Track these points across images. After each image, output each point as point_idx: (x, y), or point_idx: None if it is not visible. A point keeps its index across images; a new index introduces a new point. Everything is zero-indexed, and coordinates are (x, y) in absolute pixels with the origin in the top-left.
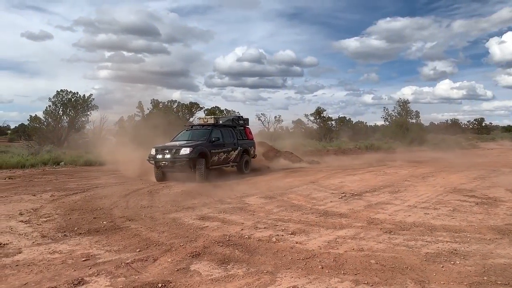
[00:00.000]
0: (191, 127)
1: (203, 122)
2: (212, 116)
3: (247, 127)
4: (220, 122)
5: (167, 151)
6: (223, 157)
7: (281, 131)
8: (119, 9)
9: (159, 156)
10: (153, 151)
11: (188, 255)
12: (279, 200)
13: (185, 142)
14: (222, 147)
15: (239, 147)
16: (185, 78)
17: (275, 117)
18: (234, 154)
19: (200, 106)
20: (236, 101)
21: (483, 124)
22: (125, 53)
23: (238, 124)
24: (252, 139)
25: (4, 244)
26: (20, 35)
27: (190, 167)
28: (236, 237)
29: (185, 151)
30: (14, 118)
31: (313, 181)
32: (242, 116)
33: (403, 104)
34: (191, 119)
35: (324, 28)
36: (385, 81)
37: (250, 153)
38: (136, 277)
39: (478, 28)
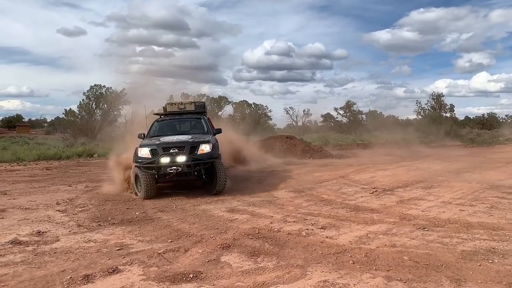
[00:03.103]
0: (161, 117)
1: (177, 109)
2: (193, 101)
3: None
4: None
5: (176, 151)
6: None
7: (310, 125)
8: (149, 4)
9: (165, 160)
10: (145, 152)
11: (219, 246)
12: (308, 194)
13: (190, 136)
14: None
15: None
16: (213, 72)
17: (304, 110)
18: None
19: (229, 100)
20: (264, 94)
21: None
22: (155, 47)
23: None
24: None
25: (43, 232)
26: (56, 32)
27: (202, 174)
28: (265, 230)
29: (205, 148)
30: (50, 112)
31: (343, 175)
32: (204, 103)
33: (437, 97)
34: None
35: (355, 20)
36: (417, 74)
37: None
38: (168, 267)
39: None
